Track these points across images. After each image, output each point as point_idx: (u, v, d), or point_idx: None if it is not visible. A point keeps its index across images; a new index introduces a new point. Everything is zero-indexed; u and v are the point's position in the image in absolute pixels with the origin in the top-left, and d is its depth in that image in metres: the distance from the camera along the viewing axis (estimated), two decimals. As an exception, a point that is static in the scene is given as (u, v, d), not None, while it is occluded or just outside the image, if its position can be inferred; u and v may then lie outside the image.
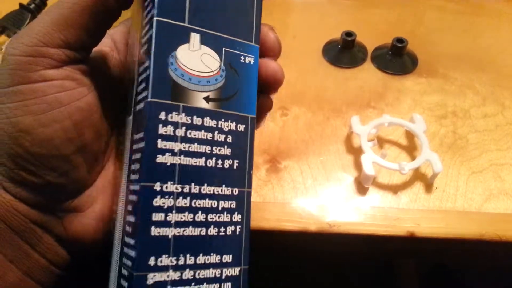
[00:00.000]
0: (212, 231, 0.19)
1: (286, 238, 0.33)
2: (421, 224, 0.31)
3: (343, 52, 0.43)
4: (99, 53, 0.23)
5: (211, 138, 0.20)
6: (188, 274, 0.19)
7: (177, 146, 0.19)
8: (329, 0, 0.51)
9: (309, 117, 0.39)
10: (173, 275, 0.18)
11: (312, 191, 0.33)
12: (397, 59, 0.42)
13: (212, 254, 0.19)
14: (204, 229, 0.19)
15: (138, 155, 0.19)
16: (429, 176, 0.33)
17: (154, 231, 0.18)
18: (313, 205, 0.33)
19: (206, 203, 0.19)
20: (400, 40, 0.41)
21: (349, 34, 0.42)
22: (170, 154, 0.19)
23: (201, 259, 0.19)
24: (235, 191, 0.20)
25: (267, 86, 0.23)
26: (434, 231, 0.31)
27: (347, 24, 0.47)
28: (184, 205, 0.19)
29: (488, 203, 0.32)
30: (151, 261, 0.18)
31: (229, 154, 0.20)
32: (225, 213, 0.20)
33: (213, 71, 0.20)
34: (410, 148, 0.36)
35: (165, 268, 0.18)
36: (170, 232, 0.18)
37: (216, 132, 0.20)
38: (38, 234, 0.21)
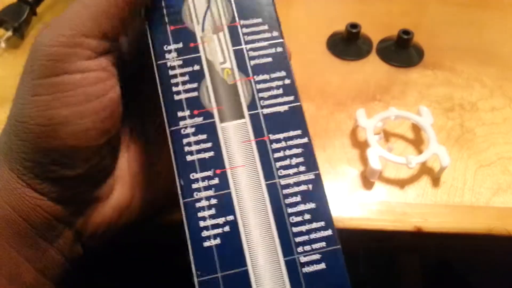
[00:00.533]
0: None
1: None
2: (428, 219, 0.31)
3: (348, 44, 0.42)
4: None
5: None
6: None
7: None
8: (333, -8, 0.50)
9: (313, 111, 0.38)
10: None
11: (317, 185, 0.33)
12: (402, 51, 0.41)
13: None
14: None
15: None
16: (437, 170, 0.33)
17: None
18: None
19: None
20: (406, 32, 0.40)
21: (354, 26, 0.41)
22: None
23: None
24: None
25: None
26: (442, 226, 0.31)
27: (351, 16, 0.46)
28: None
29: (496, 197, 0.32)
30: None
31: None
32: None
33: None
34: (417, 141, 0.35)
35: None
36: None
37: None
38: (59, 230, 0.21)
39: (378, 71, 0.41)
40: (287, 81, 0.22)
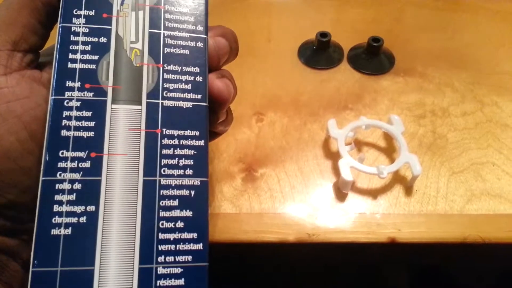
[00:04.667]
0: None
1: (264, 249, 0.31)
2: (401, 229, 0.30)
3: (319, 53, 0.42)
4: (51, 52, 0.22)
5: None
6: None
7: None
8: (304, 1, 0.50)
9: (286, 122, 0.38)
10: None
11: (290, 199, 0.32)
12: (373, 58, 0.41)
13: None
14: None
15: None
16: (409, 179, 0.32)
17: None
18: (292, 214, 0.31)
19: None
20: (375, 39, 0.40)
21: (323, 34, 0.41)
22: None
23: None
24: None
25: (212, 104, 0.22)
26: (415, 236, 0.30)
27: (323, 24, 0.46)
28: None
29: (469, 204, 0.31)
30: None
31: None
32: None
33: None
34: (389, 150, 0.35)
35: None
36: None
37: None
38: (3, 263, 0.20)
39: (350, 79, 0.41)
40: (198, 78, 0.21)
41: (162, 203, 0.19)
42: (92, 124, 0.19)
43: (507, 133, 0.36)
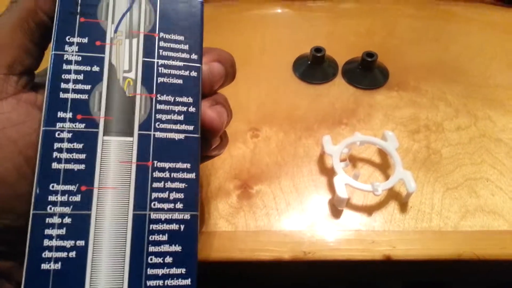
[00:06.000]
0: None
1: (259, 268, 0.31)
2: (396, 247, 0.30)
3: (314, 67, 0.42)
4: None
5: None
6: None
7: None
8: (298, 14, 0.50)
9: (281, 137, 0.38)
10: None
11: (285, 216, 0.32)
12: (367, 73, 0.41)
13: None
14: None
15: None
16: (404, 195, 0.33)
17: None
18: (287, 232, 0.31)
19: None
20: (369, 55, 0.40)
21: (318, 49, 0.41)
22: None
23: None
24: None
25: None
26: (410, 253, 0.30)
27: (317, 38, 0.46)
28: None
29: (464, 220, 0.32)
30: None
31: None
32: None
33: None
34: (384, 166, 0.35)
35: None
36: None
37: None
38: None
39: (344, 94, 0.41)
40: (191, 109, 0.21)
41: (152, 237, 0.19)
42: (83, 156, 0.19)
43: (500, 148, 0.36)
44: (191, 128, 0.20)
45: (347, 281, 0.37)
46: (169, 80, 0.21)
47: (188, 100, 0.21)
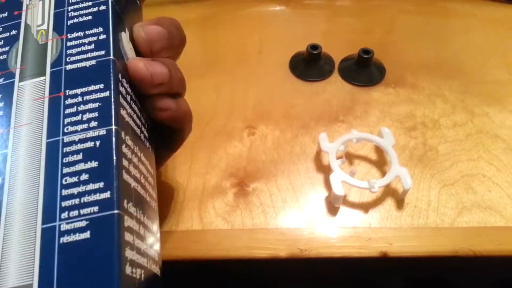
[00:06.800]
0: None
1: (256, 265, 0.31)
2: (393, 244, 0.30)
3: (310, 65, 0.42)
4: None
5: None
6: None
7: None
8: (295, 11, 0.50)
9: (277, 135, 0.38)
10: None
11: (282, 214, 0.32)
12: (364, 70, 0.41)
13: None
14: None
15: None
16: (400, 192, 0.32)
17: None
18: (283, 229, 0.31)
19: None
20: (366, 51, 0.40)
21: (314, 47, 0.41)
22: None
23: None
24: None
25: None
26: (407, 250, 0.30)
27: (314, 35, 0.46)
28: None
29: (461, 217, 0.32)
30: None
31: None
32: None
33: None
34: (380, 163, 0.35)
35: None
36: None
37: None
38: None
39: (341, 91, 0.41)
40: (102, 37, 0.21)
41: (65, 159, 0.18)
42: (1, 104, 0.20)
43: (497, 144, 0.36)
44: (102, 52, 0.21)
45: (344, 278, 0.37)
46: (78, 20, 0.22)
47: (98, 30, 0.21)
